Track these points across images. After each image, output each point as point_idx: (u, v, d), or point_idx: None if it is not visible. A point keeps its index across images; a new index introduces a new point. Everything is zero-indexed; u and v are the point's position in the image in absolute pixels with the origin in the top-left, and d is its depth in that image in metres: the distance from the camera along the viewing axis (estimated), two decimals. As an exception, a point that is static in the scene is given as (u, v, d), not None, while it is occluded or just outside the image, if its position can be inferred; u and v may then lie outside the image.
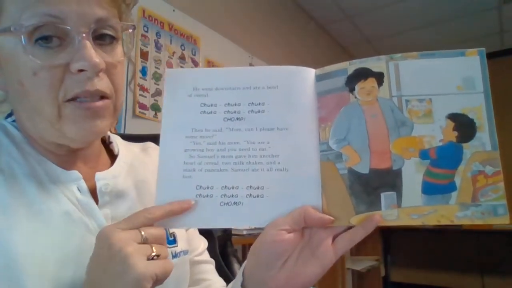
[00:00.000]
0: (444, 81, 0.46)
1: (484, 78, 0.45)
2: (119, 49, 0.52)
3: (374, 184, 0.45)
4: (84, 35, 0.46)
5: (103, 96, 0.50)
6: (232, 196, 0.48)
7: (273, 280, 0.47)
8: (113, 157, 0.62)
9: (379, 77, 0.47)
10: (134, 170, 0.62)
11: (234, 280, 0.53)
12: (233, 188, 0.48)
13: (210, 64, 2.34)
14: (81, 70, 0.47)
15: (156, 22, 2.03)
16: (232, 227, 0.47)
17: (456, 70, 0.46)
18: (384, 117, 0.46)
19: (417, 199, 0.44)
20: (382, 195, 0.45)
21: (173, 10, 2.13)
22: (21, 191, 0.48)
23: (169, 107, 0.52)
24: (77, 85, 0.47)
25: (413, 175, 0.45)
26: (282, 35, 2.99)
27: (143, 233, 0.43)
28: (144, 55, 1.95)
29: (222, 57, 2.42)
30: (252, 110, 0.50)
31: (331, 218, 0.46)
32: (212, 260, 0.70)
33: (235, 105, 0.51)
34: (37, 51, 0.46)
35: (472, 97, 0.45)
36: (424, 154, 0.45)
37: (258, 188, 0.48)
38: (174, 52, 2.11)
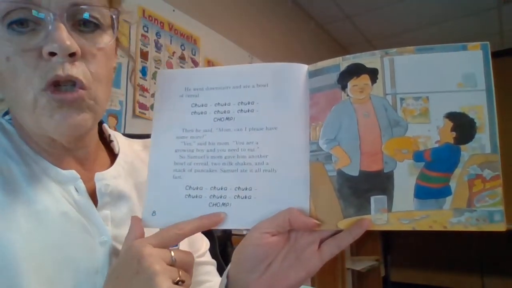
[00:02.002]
0: (443, 78, 0.42)
1: (486, 75, 0.41)
2: (104, 38, 0.50)
3: (364, 187, 0.43)
4: (58, 17, 0.44)
5: (76, 84, 0.46)
6: (221, 197, 0.47)
7: (257, 283, 0.46)
8: (113, 156, 0.61)
9: (373, 74, 0.44)
10: (135, 170, 0.61)
11: (220, 282, 0.52)
12: (221, 189, 0.47)
13: (210, 64, 2.34)
14: (52, 54, 0.44)
15: (156, 22, 2.02)
16: (220, 228, 0.46)
17: (457, 66, 0.42)
18: (377, 117, 0.43)
19: (409, 203, 0.41)
20: (372, 198, 0.42)
21: (173, 10, 2.12)
22: (19, 191, 0.47)
23: (160, 107, 0.52)
24: (49, 71, 0.45)
25: (405, 178, 0.42)
26: (282, 34, 2.98)
27: (173, 254, 0.42)
28: (144, 55, 1.94)
29: (222, 57, 2.42)
30: (241, 110, 0.49)
31: (317, 222, 0.44)
32: (214, 261, 0.69)
33: (225, 105, 0.50)
34: (10, 36, 0.44)
35: (473, 94, 0.41)
36: (418, 156, 0.42)
37: (246, 189, 0.47)
38: (174, 52, 2.11)
